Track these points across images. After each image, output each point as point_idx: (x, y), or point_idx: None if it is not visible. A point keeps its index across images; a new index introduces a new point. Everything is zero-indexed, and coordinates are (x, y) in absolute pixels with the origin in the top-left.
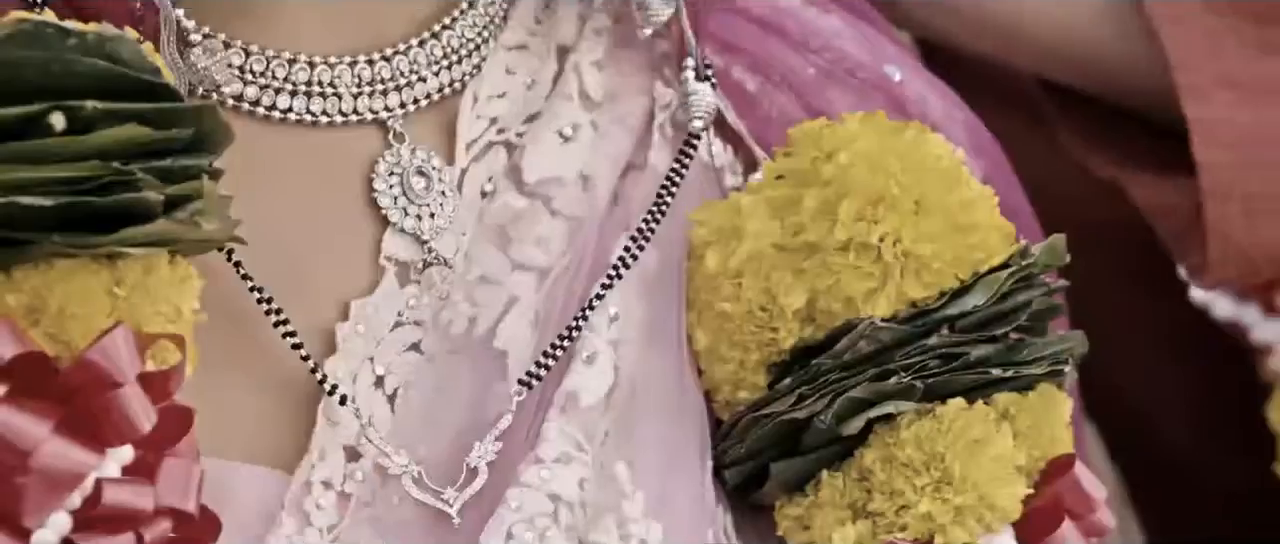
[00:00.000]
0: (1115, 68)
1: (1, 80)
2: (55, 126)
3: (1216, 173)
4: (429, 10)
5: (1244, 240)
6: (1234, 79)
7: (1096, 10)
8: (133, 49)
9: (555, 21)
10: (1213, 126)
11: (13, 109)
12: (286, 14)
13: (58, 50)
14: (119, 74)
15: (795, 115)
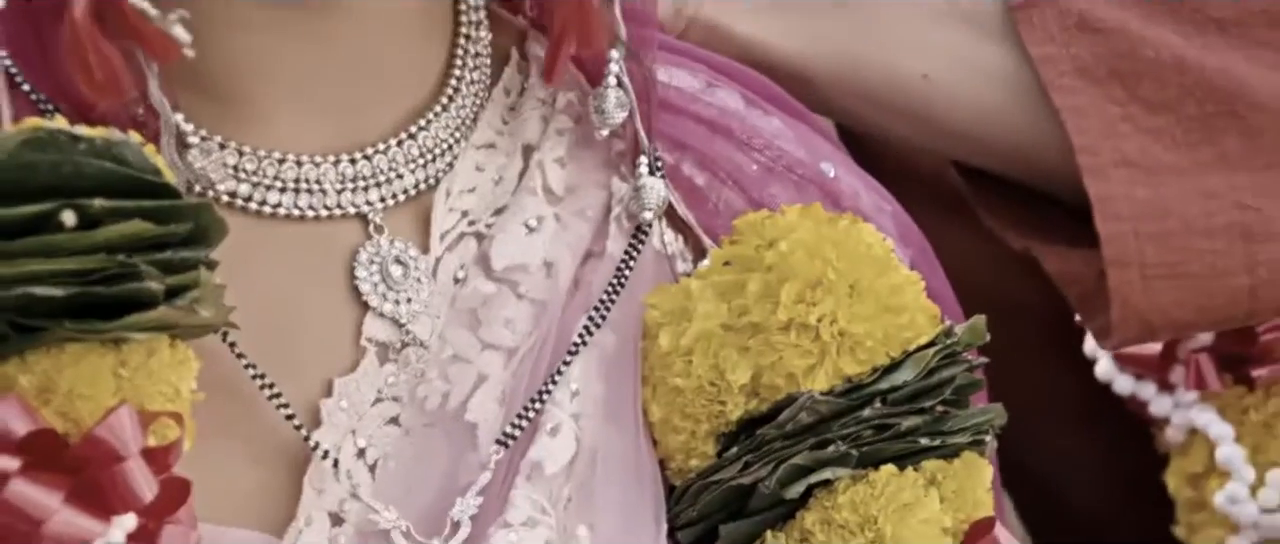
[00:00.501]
0: (1025, 150)
1: (17, 180)
2: (66, 223)
3: (1117, 244)
4: (404, 114)
5: (1142, 304)
6: (1130, 159)
7: (1006, 99)
8: (136, 151)
9: (520, 123)
10: (1112, 202)
11: (27, 207)
12: (275, 118)
13: (68, 153)
14: (124, 175)
15: (740, 208)
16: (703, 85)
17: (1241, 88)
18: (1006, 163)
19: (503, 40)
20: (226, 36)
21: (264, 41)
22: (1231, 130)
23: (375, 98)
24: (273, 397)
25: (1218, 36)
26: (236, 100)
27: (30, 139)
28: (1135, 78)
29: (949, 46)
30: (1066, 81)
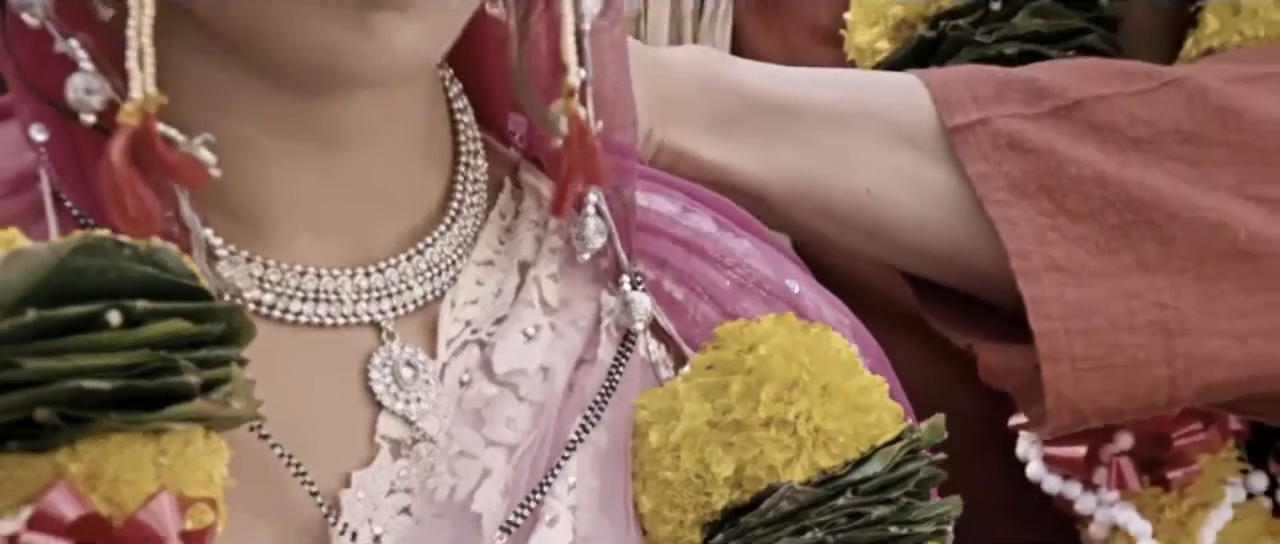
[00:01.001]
0: (964, 258)
1: (68, 283)
2: (112, 322)
3: (1050, 340)
4: (411, 233)
5: (1073, 394)
6: (1059, 265)
7: (945, 212)
8: (175, 258)
9: (516, 242)
10: (1044, 303)
11: (77, 308)
12: (295, 236)
13: (114, 259)
14: (164, 279)
15: (715, 319)
16: (679, 210)
17: (1157, 199)
18: (948, 270)
19: (497, 169)
20: (249, 168)
21: (283, 172)
22: (1148, 237)
23: (385, 219)
24: (299, 475)
25: (1134, 154)
26: (260, 222)
27: (80, 246)
28: (1061, 192)
29: (892, 166)
30: (1000, 196)
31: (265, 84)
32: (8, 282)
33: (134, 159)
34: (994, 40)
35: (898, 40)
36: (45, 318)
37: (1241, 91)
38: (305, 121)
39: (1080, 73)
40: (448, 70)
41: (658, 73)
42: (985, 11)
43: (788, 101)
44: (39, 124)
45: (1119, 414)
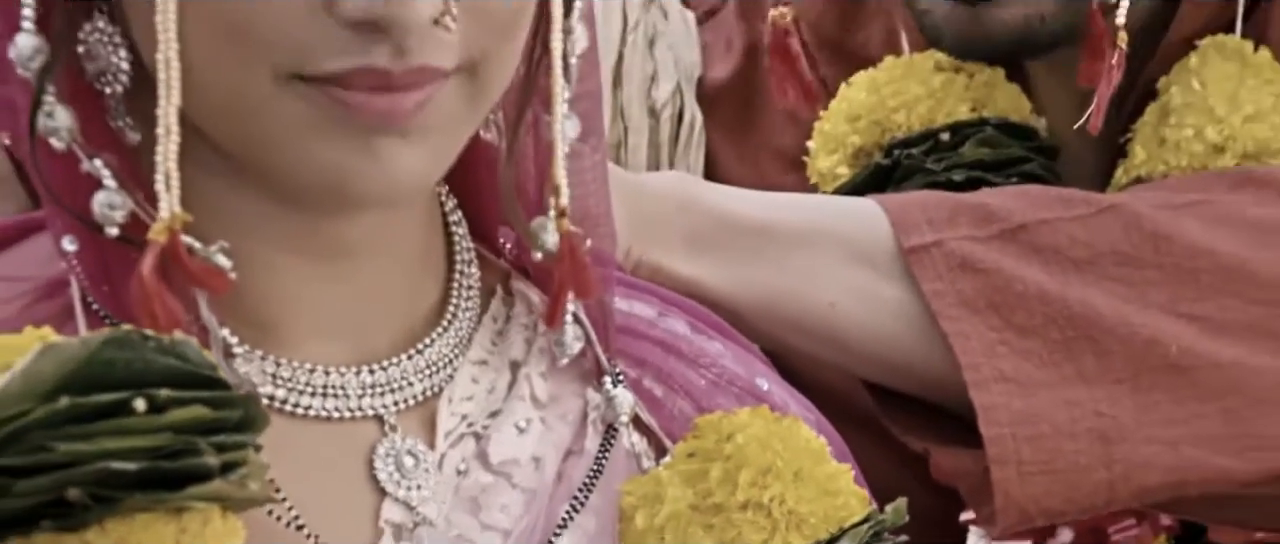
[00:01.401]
0: (919, 368)
1: (98, 373)
2: (138, 408)
3: (998, 445)
4: (411, 334)
5: (1020, 495)
6: (1007, 376)
7: (902, 326)
8: (196, 350)
9: (507, 344)
10: (994, 411)
11: (106, 395)
12: (304, 338)
13: (140, 351)
14: (186, 370)
15: (692, 414)
16: (657, 314)
17: (1096, 316)
18: (904, 379)
19: (490, 277)
20: (263, 278)
21: (294, 282)
22: (1088, 351)
23: (386, 322)
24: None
25: (1075, 274)
26: (272, 325)
27: (109, 340)
28: (1009, 308)
29: (853, 283)
30: (953, 312)
31: (278, 204)
32: (42, 372)
33: (160, 270)
34: (944, 168)
35: (856, 166)
36: (76, 405)
37: (1170, 218)
38: (315, 237)
39: (1025, 198)
40: (444, 187)
41: (637, 195)
42: (935, 141)
43: (758, 223)
44: (69, 235)
45: (1062, 514)
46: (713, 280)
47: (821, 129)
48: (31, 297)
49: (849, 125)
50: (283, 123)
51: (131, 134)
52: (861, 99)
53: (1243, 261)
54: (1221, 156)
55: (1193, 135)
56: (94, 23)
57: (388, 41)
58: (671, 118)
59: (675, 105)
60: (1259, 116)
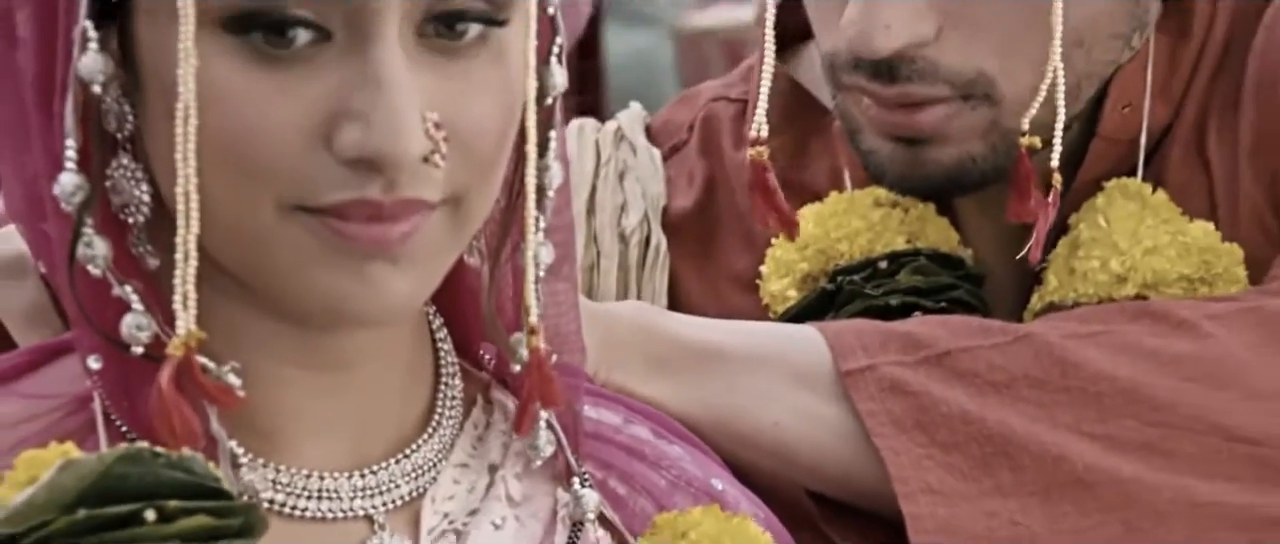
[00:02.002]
0: (855, 480)
1: (112, 487)
2: (148, 518)
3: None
4: (400, 441)
5: None
6: (933, 488)
7: (839, 442)
8: (201, 465)
9: (486, 448)
10: (920, 519)
11: (120, 507)
12: (304, 445)
13: (151, 466)
14: (192, 482)
15: (653, 512)
16: (622, 421)
17: (1011, 434)
18: (842, 488)
19: (471, 388)
20: (267, 390)
21: (295, 393)
22: (1004, 466)
23: (378, 429)
24: None
25: (993, 396)
26: (274, 433)
27: (122, 456)
28: (934, 427)
29: (796, 403)
30: (884, 430)
31: (282, 322)
32: (63, 486)
33: (177, 383)
34: (881, 293)
35: (804, 290)
36: (93, 516)
37: (1076, 346)
38: (315, 352)
39: (948, 328)
40: (431, 307)
41: (605, 323)
42: (874, 269)
43: (710, 348)
44: (95, 355)
45: None
46: (670, 399)
47: (773, 255)
48: (59, 412)
49: (798, 253)
50: (286, 250)
51: (151, 260)
52: (809, 230)
53: (1139, 386)
54: (1124, 286)
55: (1099, 266)
56: (119, 160)
57: (381, 177)
58: (639, 243)
59: (643, 232)
60: (1156, 251)
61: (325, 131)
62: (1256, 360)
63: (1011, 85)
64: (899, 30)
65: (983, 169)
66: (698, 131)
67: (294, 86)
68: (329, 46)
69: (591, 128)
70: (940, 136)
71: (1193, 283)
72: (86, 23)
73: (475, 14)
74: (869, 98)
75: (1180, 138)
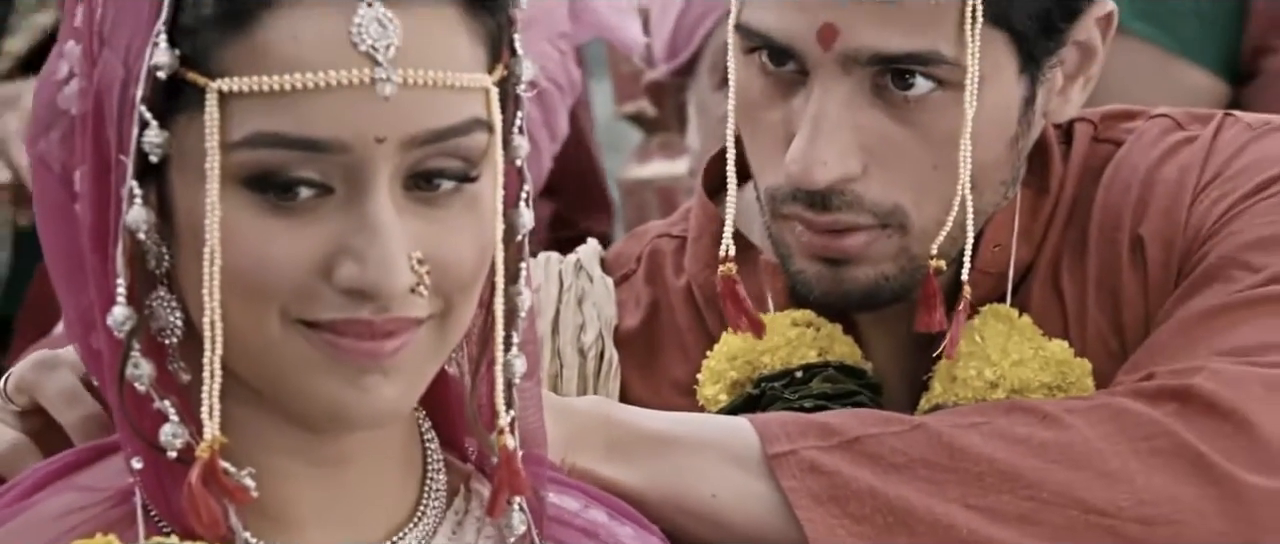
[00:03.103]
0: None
1: None
2: None
3: None
4: (392, 526)
5: None
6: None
7: (766, 513)
8: None
9: (463, 532)
10: None
11: None
12: (307, 527)
13: None
14: None
15: None
16: (581, 506)
17: (909, 508)
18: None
19: (455, 480)
20: (277, 485)
21: (301, 485)
22: (903, 533)
23: (372, 517)
24: None
25: (894, 475)
26: (282, 520)
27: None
28: (845, 501)
29: (730, 480)
30: (805, 503)
31: (290, 425)
32: None
33: (204, 480)
34: (797, 398)
35: (732, 394)
36: None
37: (961, 434)
38: (318, 449)
39: (857, 418)
40: (421, 410)
41: (568, 415)
42: (791, 378)
43: (661, 435)
44: (137, 457)
45: None
46: (625, 477)
47: (708, 366)
48: (106, 504)
49: (728, 363)
50: (290, 360)
51: (183, 375)
52: (737, 344)
53: (1014, 467)
54: (995, 391)
55: (975, 375)
56: (158, 292)
57: (373, 303)
58: (595, 356)
59: (598, 347)
60: (1022, 363)
61: (326, 266)
62: (1108, 447)
63: (921, 217)
64: (834, 166)
65: (893, 288)
66: (644, 263)
67: (300, 230)
68: (330, 198)
69: (556, 259)
70: (860, 259)
71: (1051, 390)
72: (133, 182)
73: (450, 172)
74: (803, 225)
75: (1040, 273)
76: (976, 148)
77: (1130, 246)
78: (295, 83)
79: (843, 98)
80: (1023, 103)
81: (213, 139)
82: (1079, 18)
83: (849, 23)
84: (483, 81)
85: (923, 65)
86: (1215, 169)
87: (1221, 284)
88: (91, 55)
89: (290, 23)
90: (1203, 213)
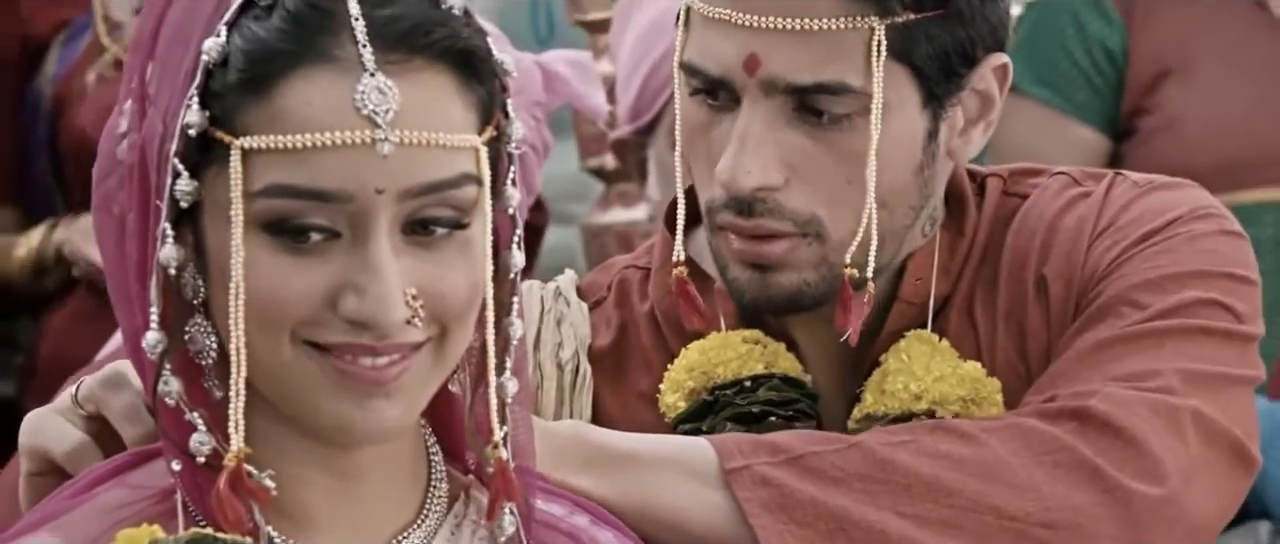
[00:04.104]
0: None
1: None
2: None
3: None
4: (398, 529)
5: None
6: None
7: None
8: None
9: (461, 534)
10: None
11: None
12: (324, 526)
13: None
14: None
15: None
16: (566, 512)
17: (846, 515)
18: None
19: (455, 488)
20: (296, 489)
21: (317, 491)
22: (842, 537)
23: (381, 520)
24: None
25: (834, 488)
26: (301, 521)
27: (193, 537)
28: (792, 509)
29: (690, 490)
30: (756, 511)
31: (307, 438)
32: None
33: (231, 485)
34: (746, 403)
35: (690, 401)
36: None
37: (891, 451)
38: (332, 461)
39: (802, 438)
40: (426, 426)
41: (548, 437)
42: (742, 386)
43: (629, 453)
44: (176, 459)
45: None
46: (597, 489)
47: (669, 377)
48: (152, 500)
49: (686, 374)
50: (302, 381)
51: (216, 392)
52: (695, 358)
53: (937, 479)
54: (919, 402)
55: (902, 388)
56: (195, 319)
57: (372, 331)
58: (572, 372)
59: (574, 363)
60: (942, 379)
61: (332, 298)
62: (1017, 461)
63: (836, 229)
64: (756, 174)
65: (814, 293)
66: (614, 291)
67: (311, 267)
68: (338, 241)
69: (537, 286)
70: (783, 265)
71: (966, 403)
72: (166, 225)
73: (444, 220)
74: (733, 232)
75: (957, 305)
76: (886, 170)
77: (1035, 285)
78: (307, 142)
79: (766, 118)
80: (926, 135)
81: (236, 189)
82: (976, 66)
83: (769, 53)
84: (472, 141)
85: (831, 94)
86: (1108, 219)
87: (1113, 319)
88: (140, 113)
89: (303, 90)
90: (1097, 257)
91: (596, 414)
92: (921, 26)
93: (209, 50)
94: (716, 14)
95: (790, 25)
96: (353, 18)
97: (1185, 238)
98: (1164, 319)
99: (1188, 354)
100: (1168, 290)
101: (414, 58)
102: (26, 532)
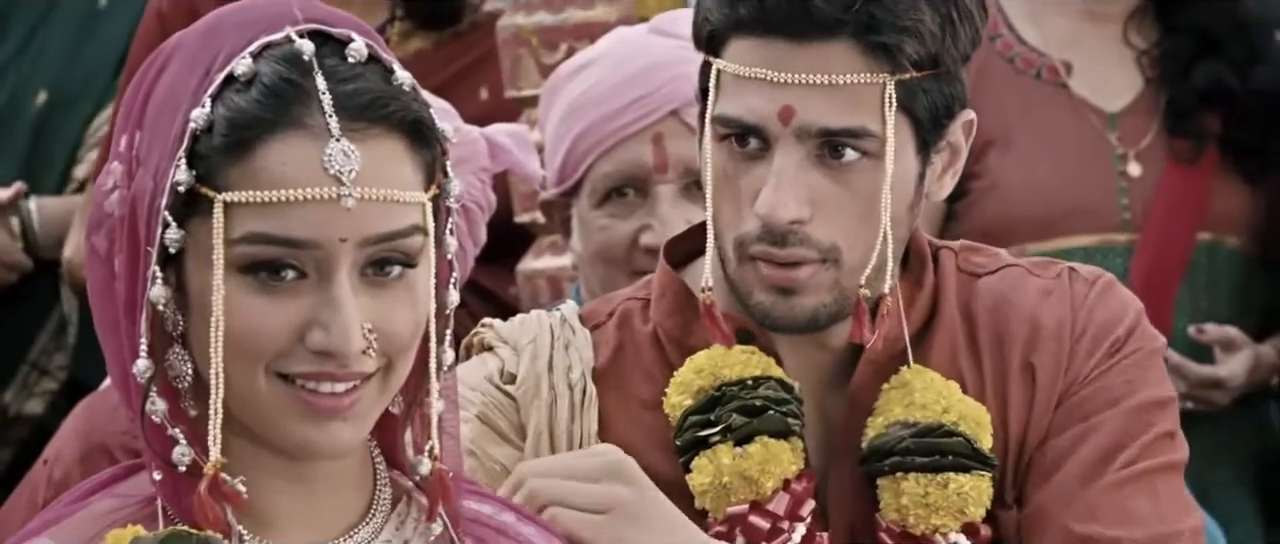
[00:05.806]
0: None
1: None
2: None
3: None
4: (349, 527)
5: None
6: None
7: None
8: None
9: (403, 530)
10: None
11: None
12: (285, 525)
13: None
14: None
15: None
16: (494, 510)
17: None
18: None
19: (399, 491)
20: (263, 496)
21: (281, 496)
22: None
23: (335, 519)
24: None
25: None
26: (267, 521)
27: (171, 533)
28: None
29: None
30: None
31: (272, 453)
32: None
33: (211, 491)
34: (749, 397)
35: (696, 398)
36: None
37: None
38: (295, 471)
39: None
40: (372, 440)
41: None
42: (745, 384)
43: None
44: (158, 470)
45: None
46: None
47: (676, 380)
48: (136, 507)
49: (695, 375)
50: (271, 407)
51: (192, 411)
52: (703, 362)
53: None
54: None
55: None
56: (174, 349)
57: (334, 360)
58: (580, 391)
59: (582, 384)
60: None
61: (301, 332)
62: None
63: (851, 256)
64: (793, 208)
65: (829, 313)
66: (617, 317)
67: (283, 304)
68: (306, 281)
69: (546, 315)
70: (804, 289)
71: (977, 425)
72: (155, 268)
73: (396, 260)
74: (765, 261)
75: (938, 351)
76: (891, 203)
77: (1021, 367)
78: (281, 196)
79: (797, 161)
80: (918, 177)
81: (218, 237)
82: (955, 118)
83: (802, 104)
84: (420, 198)
85: (855, 137)
86: (1082, 325)
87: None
88: (130, 173)
89: (279, 152)
90: (1079, 363)
91: (603, 422)
92: (919, 83)
93: (196, 118)
94: (752, 73)
95: (819, 80)
96: (321, 92)
97: (1145, 354)
98: (1147, 460)
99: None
100: (1144, 423)
101: (373, 126)
102: (30, 536)
